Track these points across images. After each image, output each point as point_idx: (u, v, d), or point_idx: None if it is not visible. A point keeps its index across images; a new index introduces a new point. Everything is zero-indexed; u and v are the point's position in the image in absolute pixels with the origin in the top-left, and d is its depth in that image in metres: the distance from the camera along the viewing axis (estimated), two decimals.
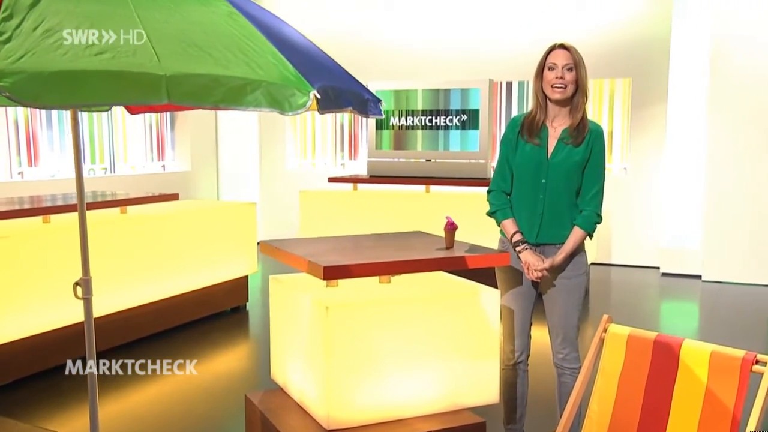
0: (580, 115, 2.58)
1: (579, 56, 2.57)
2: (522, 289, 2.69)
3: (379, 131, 6.32)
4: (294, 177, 8.21)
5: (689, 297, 6.02)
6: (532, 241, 2.61)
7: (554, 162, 2.57)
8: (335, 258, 2.55)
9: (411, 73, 7.55)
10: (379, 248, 2.81)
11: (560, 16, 7.09)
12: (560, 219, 2.59)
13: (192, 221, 4.82)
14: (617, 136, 7.25)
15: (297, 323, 2.70)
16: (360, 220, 6.13)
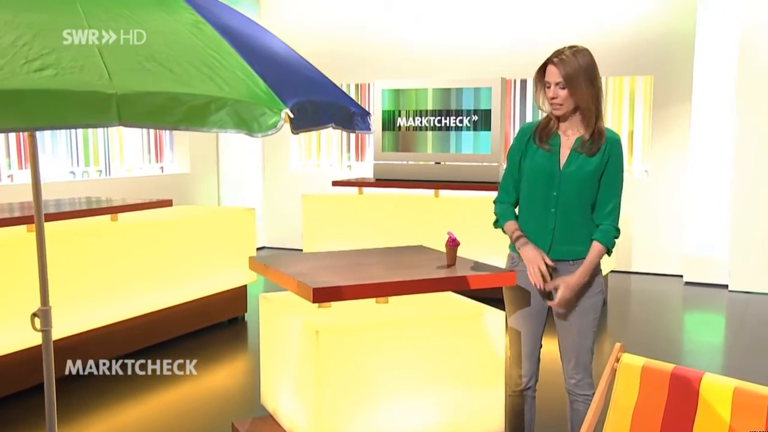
0: (591, 130, 2.48)
1: (574, 67, 2.41)
2: (531, 310, 2.60)
3: (386, 132, 6.26)
4: (298, 179, 8.17)
5: (714, 308, 5.91)
6: None
7: (567, 173, 2.48)
8: (327, 278, 2.48)
9: (418, 72, 7.47)
10: (376, 266, 2.75)
11: (577, 10, 6.97)
12: (573, 234, 2.51)
13: (186, 228, 4.78)
14: (638, 137, 7.12)
15: (287, 347, 2.63)
16: (365, 226, 6.09)
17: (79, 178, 6.54)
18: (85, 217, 4.30)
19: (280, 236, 8.27)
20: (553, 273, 2.53)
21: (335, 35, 7.89)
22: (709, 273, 6.52)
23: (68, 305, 3.87)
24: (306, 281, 2.39)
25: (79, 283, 3.95)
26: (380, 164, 6.29)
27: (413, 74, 7.40)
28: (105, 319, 4.15)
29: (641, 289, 6.52)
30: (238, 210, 5.38)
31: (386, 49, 7.70)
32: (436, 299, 2.83)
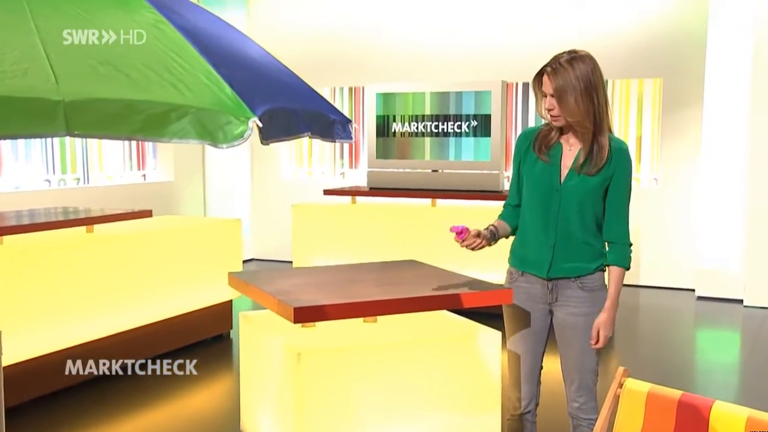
0: (588, 145, 2.42)
1: (566, 79, 2.35)
2: (530, 330, 2.56)
3: (381, 138, 6.25)
4: (289, 188, 8.15)
5: (729, 324, 5.86)
6: (542, 275, 2.49)
7: (567, 187, 2.45)
8: (310, 296, 2.44)
9: (414, 75, 7.45)
10: (364, 283, 2.72)
11: (582, 9, 6.95)
12: (575, 251, 2.47)
13: (167, 241, 4.74)
14: (646, 143, 7.09)
15: (267, 369, 2.58)
16: (358, 237, 6.07)
17: (55, 186, 6.50)
18: (59, 229, 4.26)
19: (269, 248, 8.23)
20: (555, 290, 2.49)
21: (327, 36, 7.87)
22: (722, 287, 6.47)
23: (40, 323, 3.81)
24: (287, 300, 2.34)
25: (52, 300, 3.89)
26: (374, 172, 6.28)
27: (408, 77, 7.38)
28: (78, 338, 4.09)
29: (651, 304, 6.48)
30: (224, 221, 5.34)
31: (380, 50, 7.68)
32: (429, 318, 2.78)
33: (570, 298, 2.49)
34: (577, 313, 2.48)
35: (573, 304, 2.49)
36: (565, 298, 2.49)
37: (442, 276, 2.82)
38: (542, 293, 2.51)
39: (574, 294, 2.48)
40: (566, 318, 2.50)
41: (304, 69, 7.94)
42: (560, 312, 2.50)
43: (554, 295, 2.50)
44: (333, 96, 8.21)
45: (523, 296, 2.54)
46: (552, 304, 2.51)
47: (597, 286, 2.50)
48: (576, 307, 2.49)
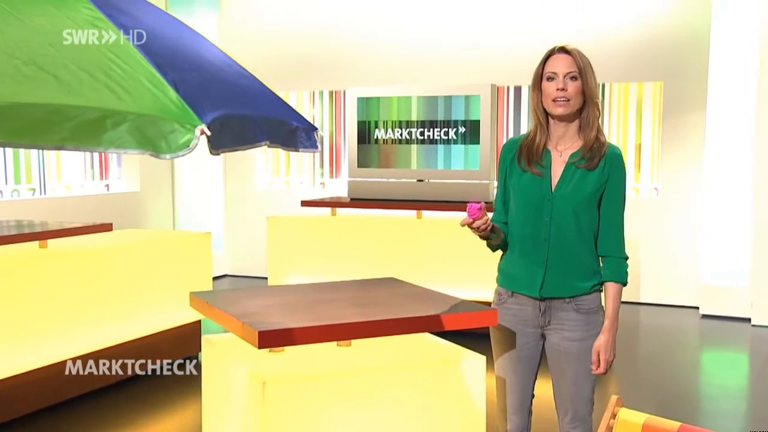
0: (594, 134, 2.42)
1: (585, 60, 2.42)
2: (520, 353, 2.53)
3: (362, 146, 6.24)
4: (264, 199, 8.11)
5: (736, 345, 5.86)
6: (534, 295, 2.45)
7: (560, 195, 2.42)
8: (278, 318, 2.40)
9: (399, 78, 7.44)
10: (339, 303, 2.69)
11: (578, 9, 6.97)
12: (570, 267, 2.44)
13: (129, 257, 4.68)
14: (646, 150, 7.11)
15: (231, 399, 2.53)
16: (338, 251, 6.06)
17: (8, 197, 6.41)
18: (9, 244, 4.18)
19: (244, 263, 8.19)
20: (547, 312, 2.45)
21: (305, 36, 7.85)
22: (728, 305, 6.48)
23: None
24: (251, 323, 2.30)
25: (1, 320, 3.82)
26: (355, 182, 6.27)
27: (393, 80, 7.36)
28: (29, 364, 4.01)
29: (651, 323, 6.47)
30: (192, 234, 5.30)
31: (362, 52, 7.67)
32: (408, 341, 2.75)
33: (564, 321, 2.45)
34: (572, 337, 2.45)
35: (567, 327, 2.45)
36: (558, 321, 2.46)
37: (422, 295, 2.78)
38: (534, 316, 2.47)
39: (568, 317, 2.45)
40: (560, 343, 2.47)
41: (280, 71, 8.04)
42: (553, 336, 2.47)
43: (547, 318, 2.46)
44: (312, 100, 8.19)
45: (512, 319, 2.50)
46: (544, 327, 2.48)
47: (593, 308, 2.47)
48: (570, 331, 2.45)
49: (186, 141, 1.27)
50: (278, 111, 1.61)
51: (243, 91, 1.52)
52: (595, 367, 2.45)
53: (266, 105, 1.57)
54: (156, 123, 1.23)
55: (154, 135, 1.24)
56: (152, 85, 1.27)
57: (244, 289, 3.01)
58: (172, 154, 1.28)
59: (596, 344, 2.44)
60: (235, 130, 1.36)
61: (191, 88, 1.31)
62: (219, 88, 1.41)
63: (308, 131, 1.69)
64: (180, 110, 1.26)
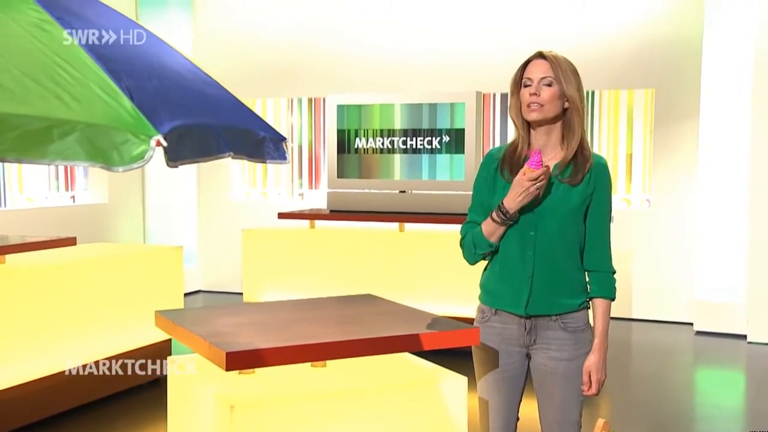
0: (576, 143, 2.42)
1: (565, 66, 2.42)
2: (504, 373, 2.51)
3: (342, 156, 6.24)
4: (240, 211, 8.08)
5: (731, 362, 5.88)
6: (519, 312, 2.45)
7: (545, 208, 2.42)
8: (248, 338, 2.39)
9: (380, 85, 7.47)
10: (312, 322, 2.68)
11: (567, 13, 7.02)
12: (556, 283, 2.44)
13: (95, 272, 4.63)
14: (637, 160, 7.15)
15: (199, 424, 2.50)
16: (317, 266, 6.05)
17: None
18: None
19: (218, 278, 8.15)
20: (533, 330, 2.44)
21: (284, 41, 7.85)
22: (723, 321, 6.50)
23: None
24: (219, 343, 2.28)
25: None
26: (335, 193, 6.25)
27: (375, 87, 7.37)
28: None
29: (644, 340, 6.48)
30: (162, 248, 5.28)
31: (343, 57, 7.68)
32: (385, 362, 2.74)
33: (551, 340, 2.45)
34: (559, 357, 2.45)
35: (554, 347, 2.45)
36: (544, 340, 2.45)
37: (401, 313, 2.77)
38: (518, 334, 2.47)
39: (555, 335, 2.44)
40: (546, 363, 2.46)
41: (257, 77, 8.03)
42: (539, 356, 2.47)
43: (532, 337, 2.45)
44: (290, 108, 8.18)
45: (496, 338, 2.49)
46: (530, 346, 2.47)
47: (581, 327, 2.47)
48: (557, 351, 2.45)
49: (140, 152, 1.25)
50: (244, 120, 1.59)
51: (206, 100, 1.50)
52: (586, 388, 2.45)
53: (231, 114, 1.56)
54: (107, 133, 1.21)
55: (106, 146, 1.22)
56: (104, 92, 1.25)
57: (214, 307, 2.99)
58: (125, 166, 1.26)
59: (587, 364, 2.44)
60: (195, 140, 1.34)
61: (148, 95, 1.29)
62: (179, 96, 1.40)
63: (276, 142, 1.68)
64: (134, 120, 1.25)
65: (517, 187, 2.34)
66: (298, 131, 8.16)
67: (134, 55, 1.42)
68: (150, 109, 1.27)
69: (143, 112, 1.25)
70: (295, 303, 3.02)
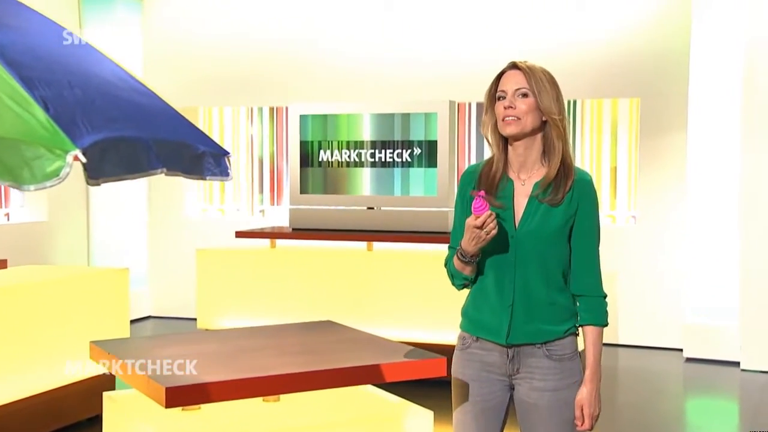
0: (558, 160, 2.42)
1: (541, 75, 2.43)
2: (484, 404, 2.48)
3: (306, 170, 6.23)
4: (195, 229, 8.01)
5: (724, 391, 5.90)
6: (501, 341, 2.43)
7: (525, 232, 2.42)
8: (191, 372, 2.32)
9: (347, 93, 7.47)
10: (266, 351, 2.64)
11: (548, 20, 7.06)
12: (539, 310, 2.43)
13: (28, 298, 4.53)
14: (622, 173, 7.20)
15: None
16: (278, 289, 6.02)
17: None
18: None
19: (170, 303, 8.06)
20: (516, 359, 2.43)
21: (242, 45, 7.82)
22: (715, 346, 6.52)
23: None
24: (158, 377, 2.23)
25: None
26: (298, 210, 6.24)
27: (338, 96, 7.38)
28: None
29: (630, 367, 6.49)
30: (106, 271, 5.22)
31: (308, 64, 7.67)
32: (346, 395, 2.71)
33: (535, 369, 2.43)
34: (543, 387, 2.43)
35: (538, 376, 2.43)
36: (528, 370, 2.44)
37: (363, 341, 2.75)
38: (500, 362, 2.45)
39: (539, 364, 2.43)
40: (529, 393, 2.44)
41: (213, 85, 7.99)
42: (522, 386, 2.45)
43: (515, 366, 2.44)
44: (250, 117, 8.15)
45: (476, 365, 2.47)
46: (512, 376, 2.45)
47: (567, 354, 2.45)
48: (542, 381, 2.43)
49: (55, 169, 1.22)
50: (181, 133, 1.56)
51: (137, 110, 1.47)
52: (579, 423, 2.43)
53: (165, 126, 1.52)
54: (17, 148, 1.17)
55: (14, 162, 1.18)
56: (15, 102, 1.21)
57: (159, 336, 2.95)
58: (37, 184, 1.23)
59: (579, 398, 2.43)
60: (121, 155, 1.31)
61: (67, 106, 1.26)
62: (105, 106, 1.36)
63: (217, 156, 1.65)
64: (49, 133, 1.21)
65: (469, 232, 2.34)
66: (258, 143, 8.13)
67: (54, 62, 1.38)
68: (69, 121, 1.24)
69: (60, 124, 1.22)
70: (249, 331, 2.99)
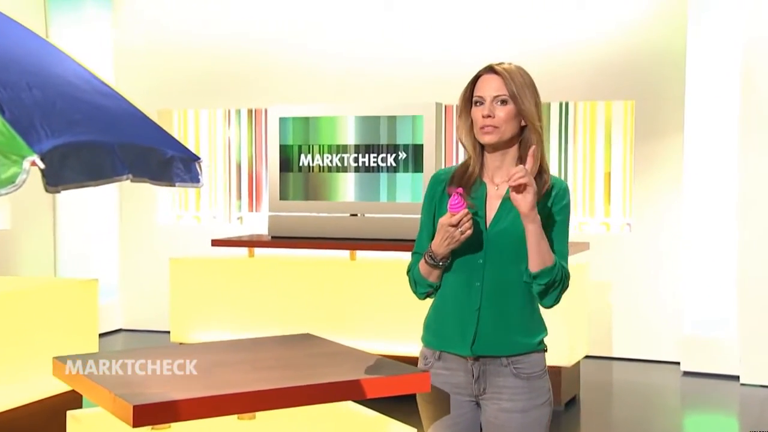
0: (536, 165, 2.43)
1: (520, 80, 2.43)
2: (454, 427, 2.48)
3: (286, 175, 6.22)
4: (169, 237, 7.98)
5: (723, 407, 5.92)
6: (464, 353, 2.43)
7: (496, 232, 2.43)
8: (161, 388, 2.34)
9: (330, 95, 7.46)
10: (241, 366, 2.63)
11: (538, 19, 7.09)
12: (508, 318, 2.44)
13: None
14: (617, 179, 7.23)
15: None
16: (256, 300, 5.98)
17: None
18: None
19: (142, 315, 8.03)
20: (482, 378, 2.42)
21: (219, 45, 7.80)
22: (714, 360, 6.54)
23: None
24: (126, 395, 2.22)
25: None
26: (277, 217, 6.22)
27: (318, 96, 7.37)
28: None
29: (625, 381, 6.50)
30: (74, 282, 5.19)
31: (288, 63, 7.66)
32: (324, 411, 2.70)
33: (502, 388, 2.43)
34: (511, 408, 2.43)
35: (506, 396, 2.43)
36: (495, 390, 2.44)
37: (343, 355, 2.75)
38: (466, 382, 2.45)
39: (506, 383, 2.43)
40: (497, 415, 2.44)
41: (188, 85, 7.97)
42: (490, 407, 2.45)
43: (481, 385, 2.44)
44: (227, 120, 8.14)
45: (441, 386, 2.48)
46: (479, 396, 2.46)
47: (537, 373, 2.46)
48: (510, 401, 2.43)
49: (11, 176, 1.21)
50: (148, 137, 1.56)
51: (101, 113, 1.46)
52: None
53: (132, 129, 1.52)
54: None
55: None
56: None
57: (128, 351, 2.94)
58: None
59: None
60: (83, 161, 1.30)
61: (25, 109, 1.25)
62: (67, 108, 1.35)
63: (187, 161, 1.65)
64: (5, 138, 1.20)
65: (442, 232, 2.35)
66: (236, 147, 8.12)
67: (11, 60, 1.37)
68: (26, 125, 1.23)
69: (17, 128, 1.21)
70: (224, 345, 2.98)
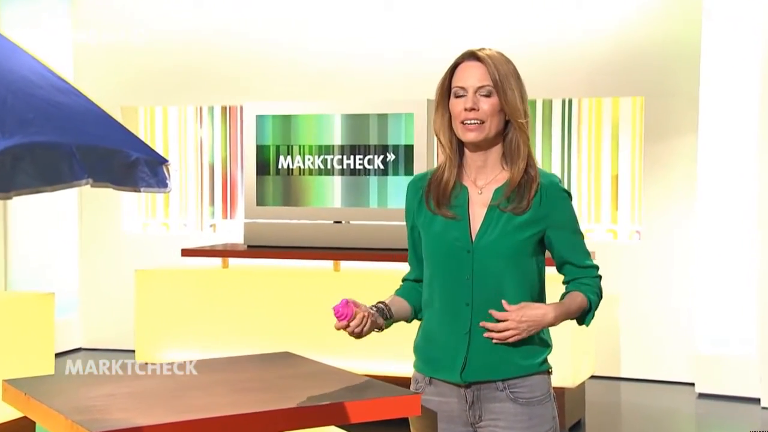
0: (523, 163, 2.43)
1: (505, 69, 2.41)
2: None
3: (263, 178, 6.24)
4: (135, 247, 7.99)
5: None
6: (455, 379, 2.44)
7: (483, 245, 2.41)
8: (123, 414, 2.33)
9: (312, 91, 7.48)
10: (212, 389, 2.61)
11: (541, 9, 7.10)
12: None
13: None
14: (625, 182, 7.26)
15: None
16: (231, 315, 5.99)
17: None
18: None
19: (105, 333, 8.04)
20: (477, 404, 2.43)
21: (190, 36, 7.82)
22: (731, 381, 6.54)
23: None
24: (84, 421, 2.21)
25: None
26: (254, 224, 6.26)
27: (300, 94, 7.41)
28: None
29: (636, 404, 6.51)
30: (28, 296, 5.24)
31: (266, 57, 7.68)
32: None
33: (498, 415, 2.43)
34: None
35: (503, 424, 2.43)
36: (492, 416, 2.44)
37: (325, 375, 2.75)
38: (460, 410, 2.46)
39: (503, 409, 2.43)
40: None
41: (155, 80, 7.97)
42: None
43: (476, 412, 2.45)
44: (199, 118, 8.14)
45: (432, 400, 2.49)
46: (475, 424, 2.46)
47: (537, 397, 2.45)
48: (507, 429, 2.43)
49: None
50: (110, 137, 1.56)
51: (58, 111, 1.46)
52: None
53: (92, 129, 1.52)
54: None
55: None
56: None
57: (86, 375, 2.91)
58: None
59: (529, 309, 2.38)
60: (38, 164, 1.30)
61: None
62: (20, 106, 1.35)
63: (154, 165, 1.65)
64: None
65: None
66: (208, 147, 8.12)
67: None
68: None
69: None
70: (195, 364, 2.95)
